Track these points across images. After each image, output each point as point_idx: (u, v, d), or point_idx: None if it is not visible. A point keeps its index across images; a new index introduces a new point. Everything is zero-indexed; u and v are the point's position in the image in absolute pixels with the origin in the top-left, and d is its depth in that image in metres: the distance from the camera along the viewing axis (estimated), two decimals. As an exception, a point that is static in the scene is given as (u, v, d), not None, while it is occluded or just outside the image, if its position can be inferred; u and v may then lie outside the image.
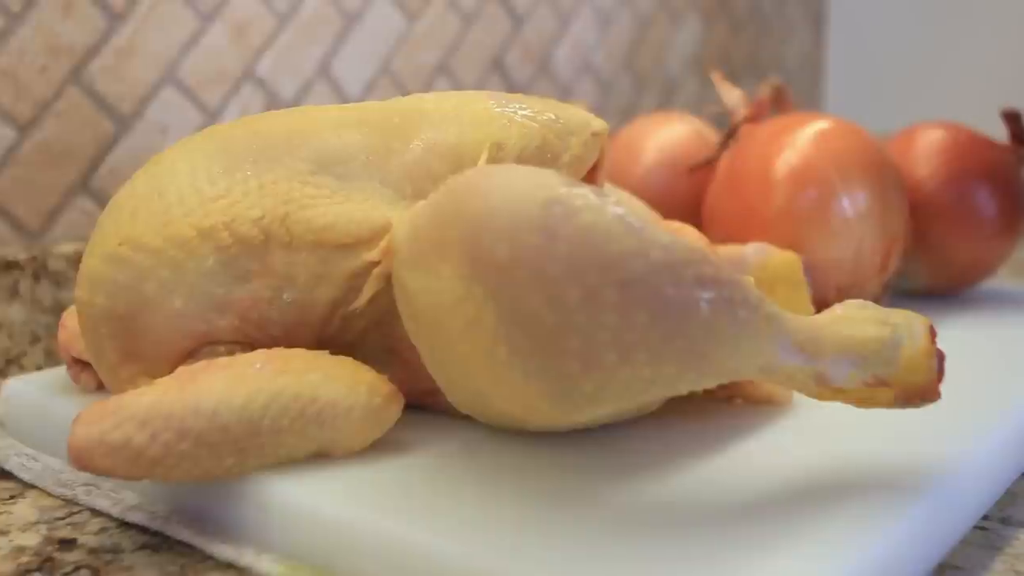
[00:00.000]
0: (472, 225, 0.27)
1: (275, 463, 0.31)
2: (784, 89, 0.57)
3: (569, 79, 0.74)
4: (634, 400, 0.28)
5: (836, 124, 0.45)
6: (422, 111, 0.35)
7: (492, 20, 0.68)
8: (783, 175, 0.44)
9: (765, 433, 0.34)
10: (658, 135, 0.51)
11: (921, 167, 0.49)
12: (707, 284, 0.27)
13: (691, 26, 0.83)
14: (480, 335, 0.27)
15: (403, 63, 0.63)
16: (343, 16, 0.60)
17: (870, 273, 0.44)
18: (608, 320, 0.27)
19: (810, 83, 0.97)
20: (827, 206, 0.43)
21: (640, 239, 0.27)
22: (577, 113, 0.37)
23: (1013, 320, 0.48)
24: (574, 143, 0.36)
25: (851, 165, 0.44)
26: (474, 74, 0.67)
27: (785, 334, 0.29)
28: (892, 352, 0.29)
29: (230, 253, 0.32)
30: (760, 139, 0.46)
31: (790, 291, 0.42)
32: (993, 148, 0.50)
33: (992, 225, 0.49)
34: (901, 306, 0.50)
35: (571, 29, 0.73)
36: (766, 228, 0.44)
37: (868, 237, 0.44)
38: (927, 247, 0.49)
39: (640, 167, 0.50)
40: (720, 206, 0.46)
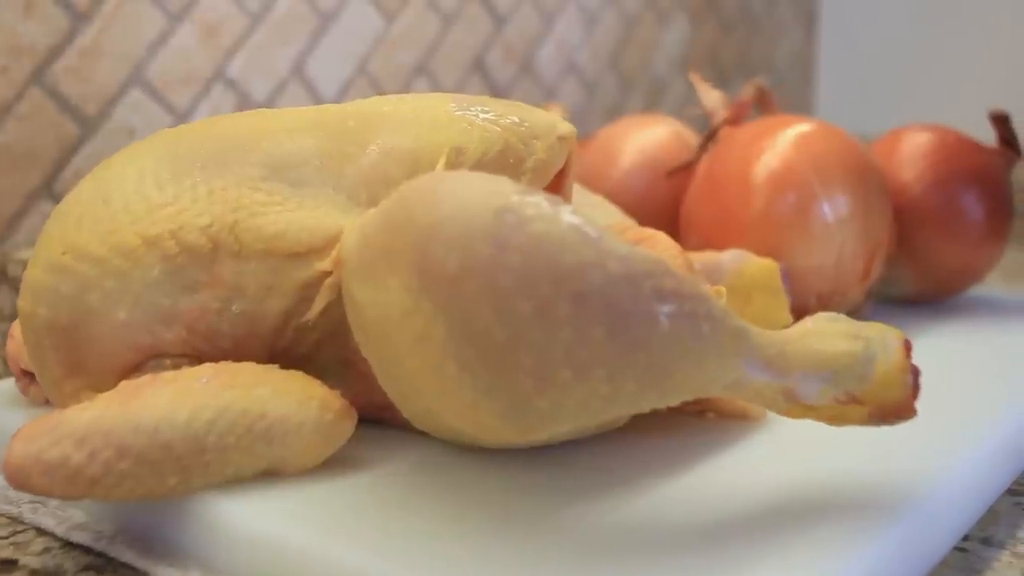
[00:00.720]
0: (421, 235, 0.26)
1: (222, 482, 0.30)
2: (768, 90, 0.56)
3: (553, 80, 0.72)
4: (593, 418, 0.27)
5: (818, 127, 0.44)
6: (379, 114, 0.34)
7: (473, 20, 0.66)
8: (762, 179, 0.42)
9: (737, 450, 0.33)
10: (637, 138, 0.49)
11: (906, 170, 0.48)
12: (668, 297, 0.26)
13: (678, 26, 0.81)
14: (429, 350, 0.26)
15: (380, 64, 0.62)
16: (318, 15, 0.58)
17: (852, 280, 0.43)
18: (562, 335, 0.25)
19: (801, 84, 0.96)
20: (807, 211, 0.42)
21: (596, 250, 0.26)
22: (543, 116, 0.35)
23: (1000, 328, 0.47)
24: (539, 147, 0.34)
25: (832, 169, 0.42)
26: (454, 75, 0.66)
27: (752, 349, 0.27)
28: (864, 368, 0.28)
29: (177, 263, 0.31)
30: (739, 142, 0.44)
31: (768, 299, 0.41)
32: (980, 151, 0.49)
33: (979, 230, 0.48)
34: (886, 313, 0.49)
35: (555, 29, 0.72)
36: (744, 234, 0.43)
37: (849, 243, 0.42)
38: (912, 253, 0.48)
39: (618, 170, 0.49)
40: (698, 211, 0.44)
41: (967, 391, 0.39)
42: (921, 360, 0.43)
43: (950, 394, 0.38)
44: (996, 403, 0.37)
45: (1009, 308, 0.51)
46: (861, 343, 0.28)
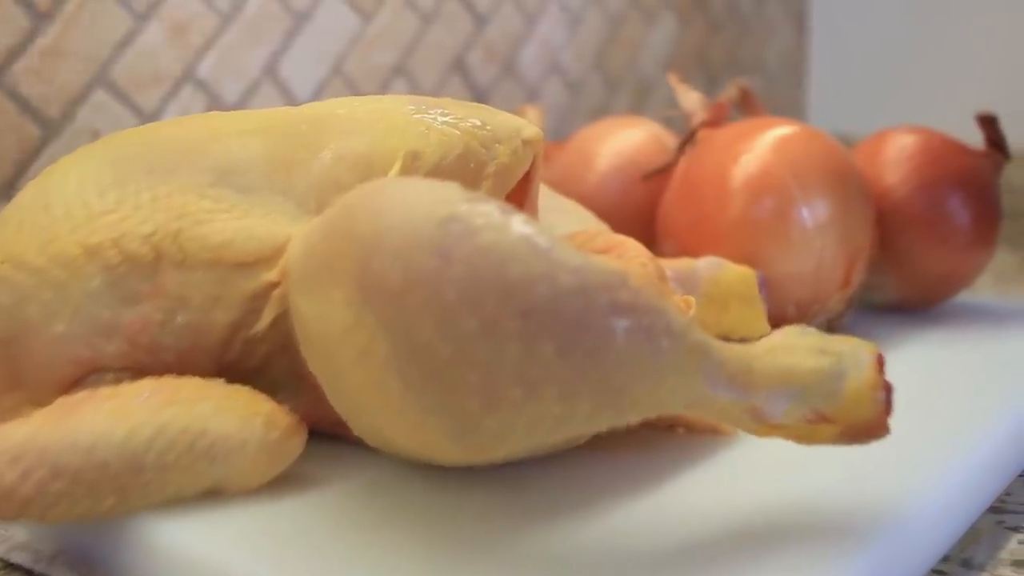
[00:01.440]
0: (363, 246, 0.25)
1: (163, 502, 0.28)
2: (751, 92, 0.55)
3: (536, 80, 0.71)
4: (547, 438, 0.25)
5: (798, 130, 0.43)
6: (333, 117, 0.32)
7: (452, 19, 0.65)
8: (739, 183, 0.41)
9: (707, 467, 0.31)
10: (613, 140, 0.48)
11: (890, 174, 0.47)
12: (623, 311, 0.24)
13: (665, 25, 0.80)
14: (372, 367, 0.25)
15: (356, 64, 0.60)
16: (291, 15, 0.57)
17: (832, 288, 0.42)
18: (510, 352, 0.24)
19: (792, 84, 0.94)
20: (785, 216, 0.41)
21: (547, 261, 0.24)
22: (508, 120, 0.34)
23: (987, 337, 0.46)
24: (501, 151, 0.33)
25: (811, 173, 0.41)
26: (433, 75, 0.65)
27: (715, 365, 0.26)
28: (834, 384, 0.26)
29: (118, 272, 0.30)
30: (717, 145, 0.43)
31: (744, 308, 0.39)
32: (967, 153, 0.48)
33: (965, 235, 0.46)
34: (869, 321, 0.48)
35: (537, 28, 0.70)
36: (721, 240, 0.41)
37: (829, 249, 0.41)
38: (896, 259, 0.46)
39: (594, 174, 0.47)
40: (674, 216, 0.43)
41: (950, 404, 0.37)
42: (902, 371, 0.42)
43: (931, 407, 0.37)
44: (980, 416, 0.36)
45: (998, 315, 0.49)
46: (831, 358, 0.26)
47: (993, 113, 0.48)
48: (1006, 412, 0.37)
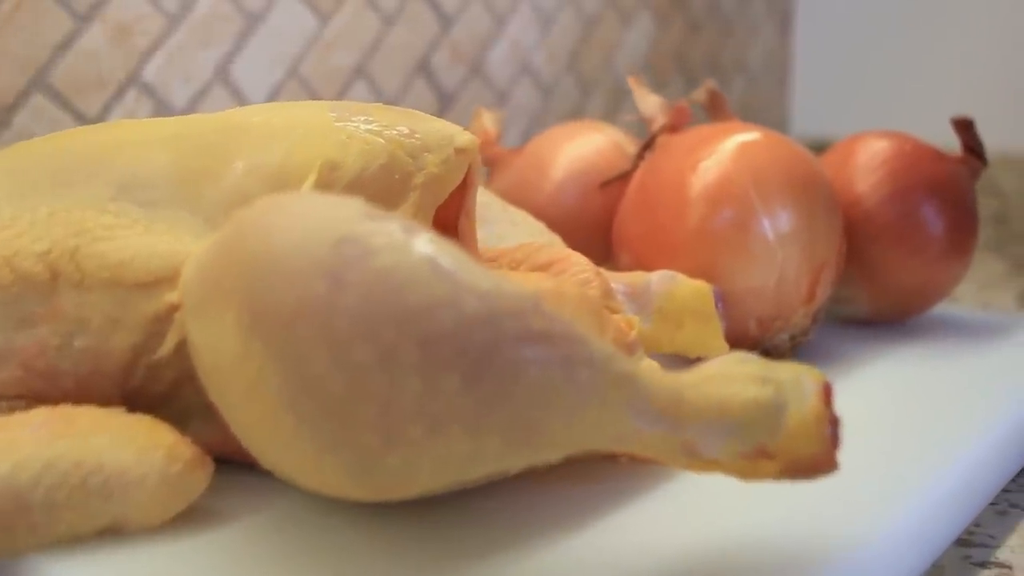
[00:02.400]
0: (252, 268, 0.23)
1: (55, 542, 0.26)
2: (720, 94, 0.52)
3: (506, 82, 0.69)
4: (459, 476, 0.23)
5: (761, 136, 0.40)
6: (247, 126, 0.30)
7: (416, 19, 0.63)
8: (697, 193, 0.39)
9: (649, 499, 0.29)
10: (571, 147, 0.46)
11: (861, 181, 0.44)
12: (536, 340, 0.22)
13: (642, 25, 0.78)
14: (264, 399, 0.23)
15: (314, 66, 0.58)
16: (244, 15, 0.55)
17: (795, 303, 0.39)
18: (410, 385, 0.22)
19: (775, 86, 0.92)
20: (745, 228, 0.38)
21: (452, 285, 0.22)
22: (439, 127, 0.32)
23: (963, 352, 0.43)
24: (431, 161, 0.31)
25: (773, 182, 0.39)
26: (397, 78, 0.62)
27: (642, 398, 0.24)
28: (774, 418, 0.24)
29: (11, 293, 0.28)
30: (675, 152, 0.41)
31: (699, 325, 0.37)
32: (942, 159, 0.45)
33: (939, 245, 0.44)
34: (839, 335, 0.45)
35: (507, 29, 0.68)
36: (678, 252, 0.39)
37: (792, 262, 0.39)
38: (867, 271, 0.44)
39: (549, 183, 0.45)
40: (629, 226, 0.41)
41: (919, 426, 0.35)
42: (871, 389, 0.39)
43: (899, 429, 0.35)
44: (950, 440, 0.34)
45: (975, 328, 0.47)
46: (771, 389, 0.24)
47: (969, 117, 0.46)
48: (979, 435, 0.35)
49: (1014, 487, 0.37)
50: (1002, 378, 0.41)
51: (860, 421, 0.37)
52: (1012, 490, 0.36)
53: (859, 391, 0.39)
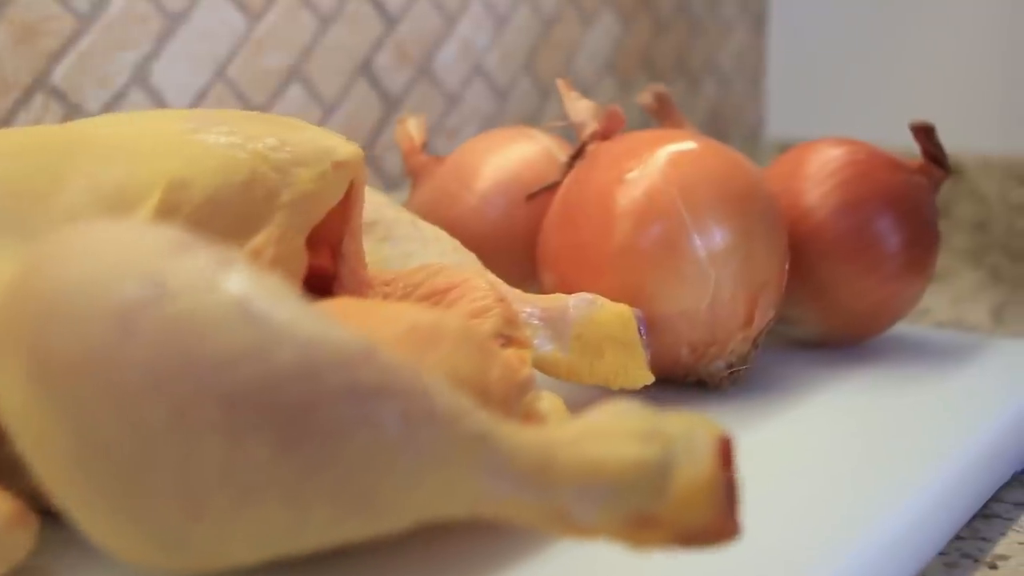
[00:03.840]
0: (39, 310, 0.19)
1: None
2: (667, 97, 0.49)
3: (457, 85, 0.65)
4: (285, 548, 0.20)
5: (696, 145, 0.37)
6: (89, 139, 0.27)
7: (357, 18, 0.59)
8: (623, 207, 0.36)
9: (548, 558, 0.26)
10: (497, 156, 0.42)
11: (809, 192, 0.41)
12: (365, 396, 0.19)
13: (605, 25, 0.74)
14: (54, 456, 0.19)
15: (243, 68, 0.55)
16: (164, 15, 0.51)
17: (732, 327, 0.36)
18: (210, 449, 0.18)
19: (749, 88, 0.89)
20: (674, 246, 0.35)
21: (263, 332, 0.19)
22: (315, 137, 0.29)
23: (923, 376, 0.40)
24: (302, 177, 0.28)
25: (706, 195, 0.35)
26: (336, 80, 0.59)
27: (501, 459, 0.20)
28: (658, 481, 0.21)
29: None
30: (601, 162, 0.37)
31: (621, 353, 0.34)
32: (899, 169, 0.42)
33: (896, 262, 0.41)
34: (787, 360, 0.42)
35: (457, 28, 0.65)
36: (602, 272, 0.36)
37: (727, 283, 0.36)
38: (816, 290, 0.41)
39: (473, 195, 0.42)
40: (552, 243, 0.37)
41: (874, 458, 0.33)
42: (823, 419, 0.36)
43: (852, 462, 0.33)
44: (907, 474, 0.31)
45: (938, 350, 0.44)
46: (656, 447, 0.21)
47: (929, 122, 0.42)
48: (938, 468, 0.32)
49: (967, 533, 0.33)
50: (963, 407, 0.38)
51: (807, 455, 0.34)
52: (965, 537, 0.33)
53: (807, 421, 0.36)
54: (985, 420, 0.36)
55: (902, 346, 0.44)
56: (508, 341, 0.30)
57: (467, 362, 0.25)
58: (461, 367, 0.25)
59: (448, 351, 0.25)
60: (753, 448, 0.34)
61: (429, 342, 0.25)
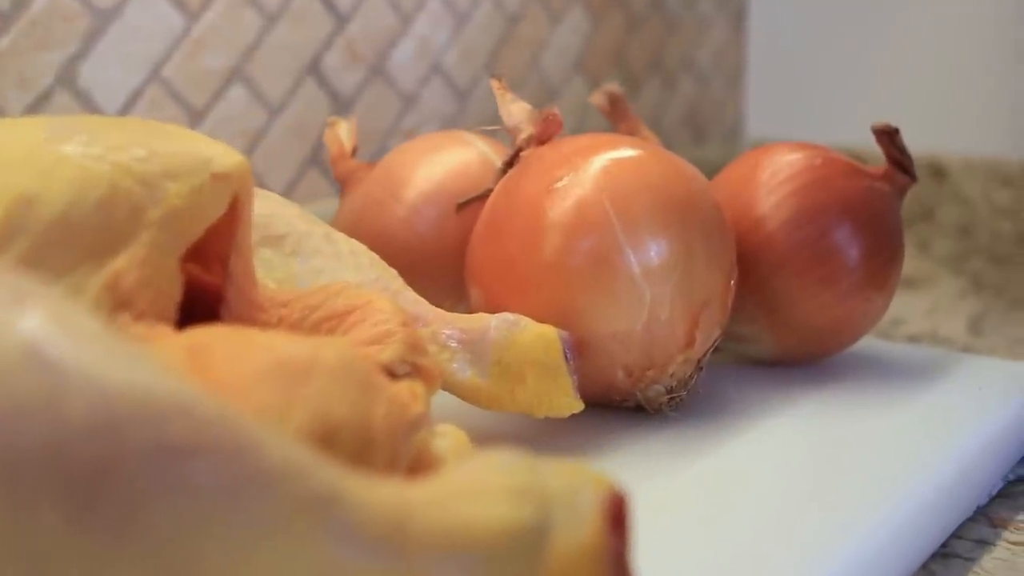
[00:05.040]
0: None
1: None
2: (621, 98, 0.46)
3: (413, 85, 0.63)
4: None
5: (636, 153, 0.34)
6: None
7: (304, 16, 0.57)
8: (552, 220, 0.33)
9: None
10: (429, 163, 0.39)
11: (763, 201, 0.38)
12: (177, 455, 0.16)
13: (573, 22, 0.72)
14: None
15: (180, 68, 0.52)
16: (92, 12, 0.49)
17: (671, 349, 0.33)
18: None
19: (728, 86, 0.86)
20: (606, 262, 0.32)
21: (57, 380, 0.16)
22: (192, 147, 0.26)
23: (885, 396, 0.37)
24: (173, 191, 0.25)
25: (640, 207, 0.33)
26: (282, 80, 0.56)
27: (349, 522, 0.18)
28: (533, 547, 0.18)
29: None
30: (533, 170, 0.35)
31: (545, 379, 0.31)
32: (859, 175, 0.39)
33: (855, 275, 0.38)
34: (740, 379, 0.39)
35: (414, 26, 0.62)
36: (529, 289, 0.33)
37: (664, 302, 0.33)
38: (770, 306, 0.38)
39: (402, 205, 0.39)
40: (479, 258, 0.35)
41: (824, 490, 0.31)
42: (773, 444, 0.34)
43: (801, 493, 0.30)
44: (865, 506, 0.29)
45: (904, 368, 0.41)
46: (531, 507, 0.18)
47: (891, 125, 0.40)
48: (896, 502, 0.30)
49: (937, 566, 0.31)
50: (925, 434, 0.35)
51: (755, 485, 0.31)
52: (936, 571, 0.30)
53: (756, 447, 0.34)
54: (948, 450, 0.34)
55: (865, 364, 0.41)
56: (414, 369, 0.28)
57: (344, 399, 0.23)
58: (336, 405, 0.22)
59: (321, 387, 0.22)
60: (698, 478, 0.31)
61: (300, 377, 0.22)
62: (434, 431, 0.26)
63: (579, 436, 0.34)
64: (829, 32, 0.82)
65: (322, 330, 0.29)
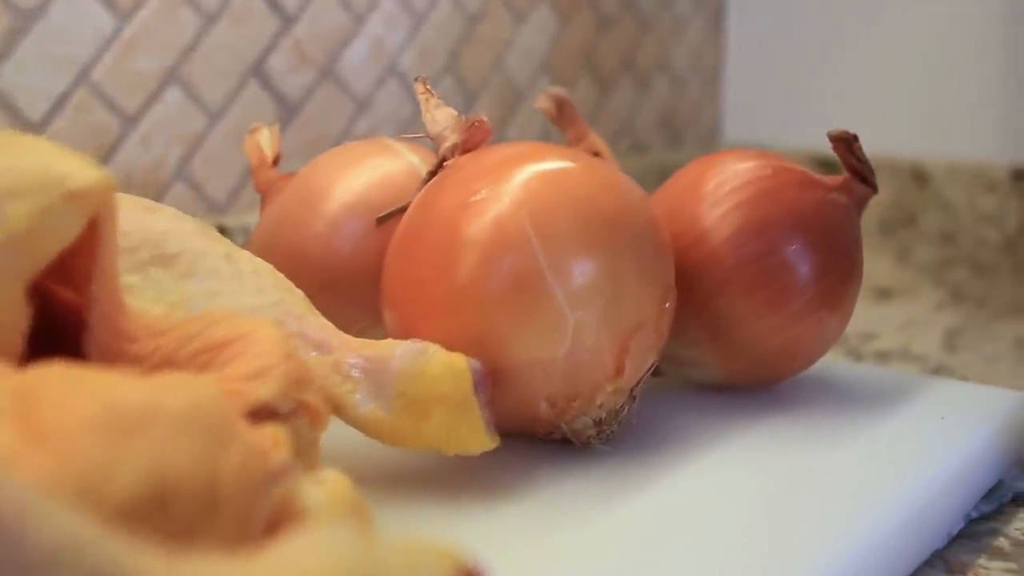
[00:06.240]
0: None
1: None
2: (568, 102, 0.44)
3: (367, 88, 0.60)
4: None
5: (565, 163, 0.32)
6: None
7: (246, 15, 0.54)
8: (468, 237, 0.30)
9: None
10: (351, 174, 0.37)
11: (707, 214, 0.36)
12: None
13: (539, 20, 0.69)
14: None
15: (111, 71, 0.49)
16: (12, 12, 0.46)
17: (598, 378, 0.31)
18: None
19: (705, 88, 0.83)
20: (525, 284, 0.30)
21: None
22: (46, 163, 0.23)
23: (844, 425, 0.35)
24: (16, 212, 0.22)
25: (563, 225, 0.30)
26: (222, 84, 0.54)
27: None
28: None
29: None
30: (452, 182, 0.32)
31: (453, 413, 0.28)
32: (813, 186, 0.37)
33: (806, 295, 0.35)
34: (687, 405, 0.36)
35: (367, 26, 0.59)
36: (442, 314, 0.30)
37: (590, 328, 0.30)
38: (714, 329, 0.35)
39: (320, 220, 0.36)
40: (393, 278, 0.32)
41: (774, 527, 0.28)
42: (721, 476, 0.31)
43: (750, 529, 0.28)
44: (811, 546, 0.27)
45: (864, 391, 0.38)
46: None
47: (848, 132, 0.37)
48: (850, 542, 0.28)
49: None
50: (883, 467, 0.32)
51: (697, 523, 0.29)
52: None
53: (700, 481, 0.31)
54: (904, 487, 0.31)
55: (822, 388, 0.39)
56: (298, 406, 0.25)
57: (186, 451, 0.20)
58: (175, 458, 0.20)
59: (159, 438, 0.20)
60: (632, 519, 0.29)
61: (134, 427, 0.20)
62: (309, 479, 0.23)
63: (501, 472, 0.31)
64: (810, 32, 0.79)
65: (198, 363, 0.26)
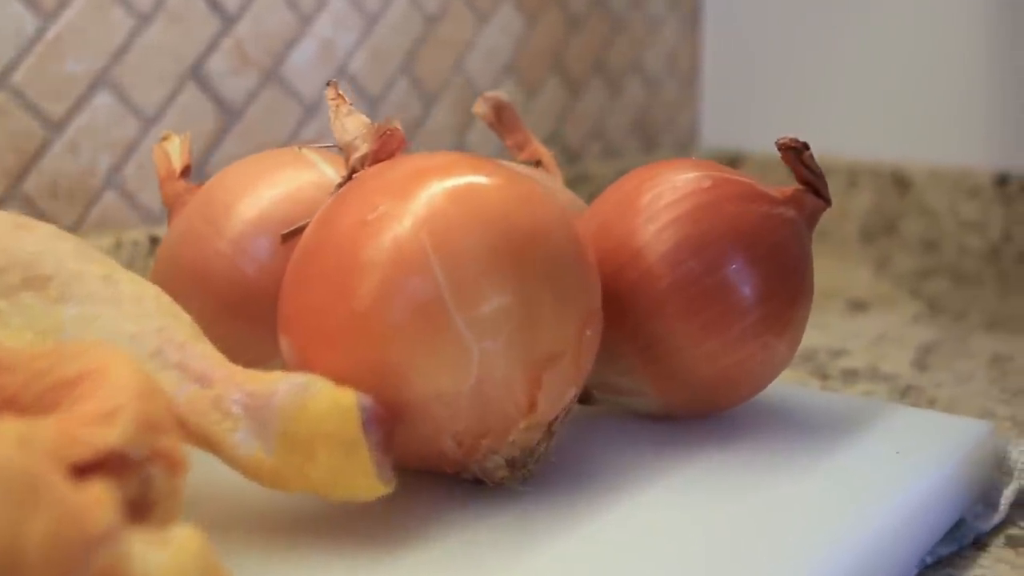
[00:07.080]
0: None
1: None
2: (508, 108, 0.41)
3: (315, 91, 0.57)
4: None
5: (476, 178, 0.29)
6: None
7: (183, 15, 0.51)
8: (364, 260, 0.27)
9: None
10: (258, 189, 0.34)
11: (642, 229, 0.33)
12: None
13: (503, 21, 0.66)
14: None
15: (33, 74, 0.47)
16: (-77, 12, 0.44)
17: (509, 413, 0.28)
18: None
19: (682, 91, 0.80)
20: (425, 311, 0.27)
21: None
22: None
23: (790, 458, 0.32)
24: None
25: (469, 245, 0.27)
26: (157, 86, 0.51)
27: None
28: None
29: None
30: (352, 198, 0.29)
31: (339, 455, 0.26)
32: (759, 199, 0.34)
33: (749, 317, 0.32)
34: (625, 435, 0.34)
35: (314, 26, 0.57)
36: (340, 342, 0.28)
37: (498, 359, 0.27)
38: (650, 355, 0.33)
39: (223, 238, 0.33)
40: (289, 302, 0.29)
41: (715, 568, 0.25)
42: (659, 513, 0.29)
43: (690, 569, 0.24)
44: None
45: (821, 421, 0.35)
46: None
47: (798, 140, 0.34)
48: None
49: None
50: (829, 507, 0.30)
51: (639, 562, 0.26)
52: None
53: (633, 521, 0.28)
54: (852, 529, 0.28)
55: (774, 416, 0.36)
56: (153, 454, 0.22)
57: None
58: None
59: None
60: (554, 565, 0.26)
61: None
62: (148, 539, 0.20)
63: (406, 514, 0.29)
64: (790, 34, 0.77)
65: (45, 403, 0.23)
